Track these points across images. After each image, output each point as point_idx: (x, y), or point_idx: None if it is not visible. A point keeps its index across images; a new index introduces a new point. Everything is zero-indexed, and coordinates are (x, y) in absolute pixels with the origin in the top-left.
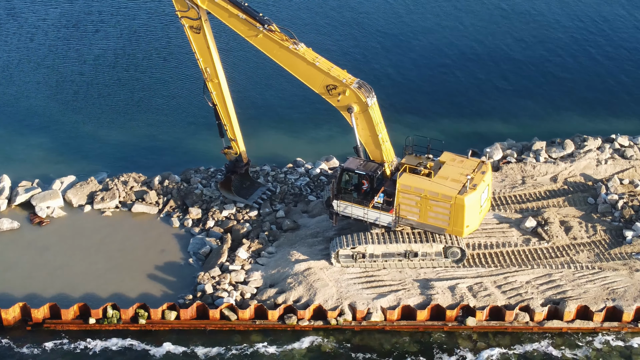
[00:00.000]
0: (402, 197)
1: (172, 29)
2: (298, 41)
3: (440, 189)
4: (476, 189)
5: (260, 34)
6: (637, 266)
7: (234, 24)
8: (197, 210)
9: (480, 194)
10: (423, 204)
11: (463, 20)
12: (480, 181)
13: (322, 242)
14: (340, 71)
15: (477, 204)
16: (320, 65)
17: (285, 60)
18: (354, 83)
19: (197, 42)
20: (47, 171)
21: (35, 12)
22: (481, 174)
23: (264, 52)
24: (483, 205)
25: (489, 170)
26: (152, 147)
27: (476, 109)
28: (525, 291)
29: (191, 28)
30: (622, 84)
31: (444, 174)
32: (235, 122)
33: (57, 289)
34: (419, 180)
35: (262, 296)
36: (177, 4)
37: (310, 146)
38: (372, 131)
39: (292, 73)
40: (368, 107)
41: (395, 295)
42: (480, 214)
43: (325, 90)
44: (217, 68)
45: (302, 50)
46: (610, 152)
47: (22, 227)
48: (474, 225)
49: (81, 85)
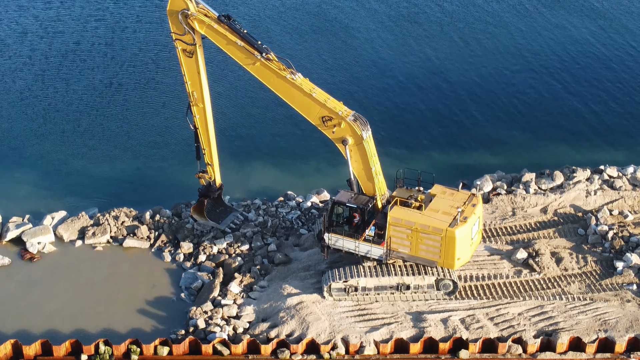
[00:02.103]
0: (394, 230)
1: (161, 62)
2: (295, 71)
3: (431, 221)
4: (467, 221)
5: (257, 62)
6: (628, 297)
7: (231, 51)
8: (189, 244)
9: (471, 226)
10: (414, 237)
11: (451, 52)
12: (471, 214)
13: (314, 276)
14: (336, 103)
15: (468, 236)
16: (316, 96)
17: (282, 90)
18: (349, 116)
19: (187, 66)
20: (37, 206)
21: (22, 43)
22: (472, 207)
23: (261, 81)
24: (474, 237)
25: (480, 202)
26: (142, 181)
27: (464, 140)
28: (518, 323)
29: (184, 51)
30: (609, 115)
31: (434, 206)
32: (214, 148)
33: (49, 325)
34: (409, 213)
35: (254, 330)
36: (173, 26)
37: (300, 179)
38: (366, 164)
39: (289, 103)
40: (363, 140)
41: (388, 329)
42: (471, 247)
43: (321, 122)
44: (204, 93)
45: (299, 81)
46: (599, 183)
47: (13, 263)
48: (465, 258)
49: (68, 119)
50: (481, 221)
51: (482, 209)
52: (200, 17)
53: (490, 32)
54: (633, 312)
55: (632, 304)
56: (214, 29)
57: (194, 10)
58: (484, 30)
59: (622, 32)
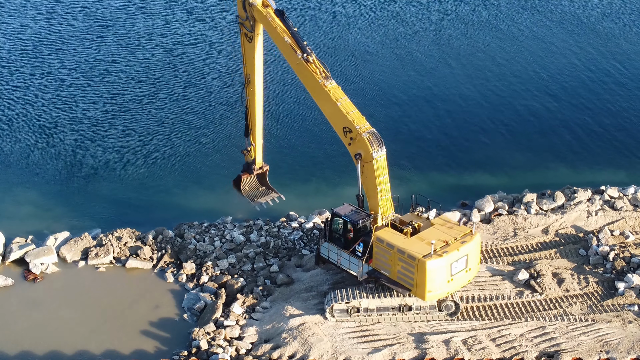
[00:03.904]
0: (377, 250)
1: (164, 81)
2: (330, 77)
3: (409, 248)
4: (443, 255)
5: (299, 61)
6: (630, 318)
7: (279, 45)
8: (191, 265)
9: (450, 261)
10: (393, 261)
11: (450, 74)
12: (455, 249)
13: (317, 297)
14: (359, 117)
15: (444, 270)
16: (341, 105)
17: (315, 93)
18: (366, 132)
19: (246, 50)
20: (40, 227)
21: (23, 61)
22: (460, 243)
23: (300, 80)
24: (457, 274)
25: (473, 240)
26: (144, 201)
27: (466, 161)
28: (520, 344)
29: (245, 35)
30: (609, 135)
31: (424, 235)
32: (259, 131)
33: (52, 346)
34: (393, 236)
35: (257, 352)
36: (239, 10)
37: (302, 200)
38: (373, 183)
39: (320, 107)
40: (373, 159)
41: (390, 350)
42: (449, 282)
43: (342, 132)
44: (257, 78)
45: (330, 87)
46: (600, 203)
47: (16, 283)
48: (439, 292)
49: (70, 139)
50: (474, 259)
51: (475, 247)
52: (259, 7)
53: (489, 53)
54: (635, 333)
55: (633, 325)
56: (268, 21)
57: (254, 0)
58: (483, 52)
59: (624, 52)
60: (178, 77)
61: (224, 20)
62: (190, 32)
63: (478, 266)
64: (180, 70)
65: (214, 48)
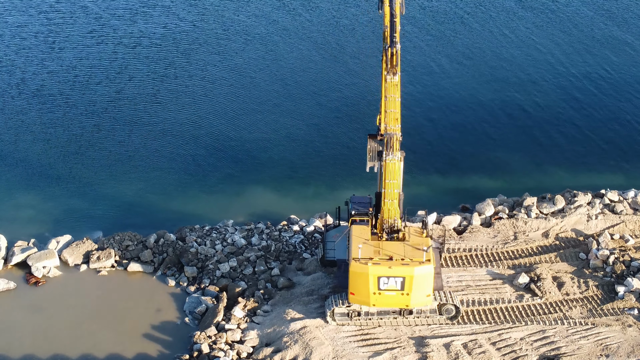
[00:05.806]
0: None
1: (165, 84)
2: (396, 73)
3: (357, 246)
4: (375, 266)
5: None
6: (630, 322)
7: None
8: (193, 269)
9: (377, 276)
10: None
11: (453, 77)
12: (393, 266)
13: (317, 300)
14: (393, 118)
15: (365, 279)
16: (384, 101)
17: (383, 82)
18: (387, 133)
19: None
20: (42, 231)
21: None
22: (401, 265)
23: None
24: (382, 288)
25: (419, 268)
26: (146, 205)
27: (466, 164)
28: (520, 348)
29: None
30: (609, 139)
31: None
32: None
33: (53, 350)
34: (363, 233)
35: (258, 355)
36: None
37: (303, 204)
38: (382, 183)
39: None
40: (383, 160)
41: (391, 353)
42: (372, 295)
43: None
44: None
45: (390, 83)
46: (600, 207)
47: (18, 287)
48: (359, 298)
49: (72, 142)
50: (417, 287)
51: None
52: None
53: (489, 57)
54: (634, 337)
55: (633, 329)
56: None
57: None
58: (483, 55)
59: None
60: (179, 78)
61: (225, 19)
62: (191, 31)
63: (427, 299)
64: (182, 70)
65: (215, 48)
